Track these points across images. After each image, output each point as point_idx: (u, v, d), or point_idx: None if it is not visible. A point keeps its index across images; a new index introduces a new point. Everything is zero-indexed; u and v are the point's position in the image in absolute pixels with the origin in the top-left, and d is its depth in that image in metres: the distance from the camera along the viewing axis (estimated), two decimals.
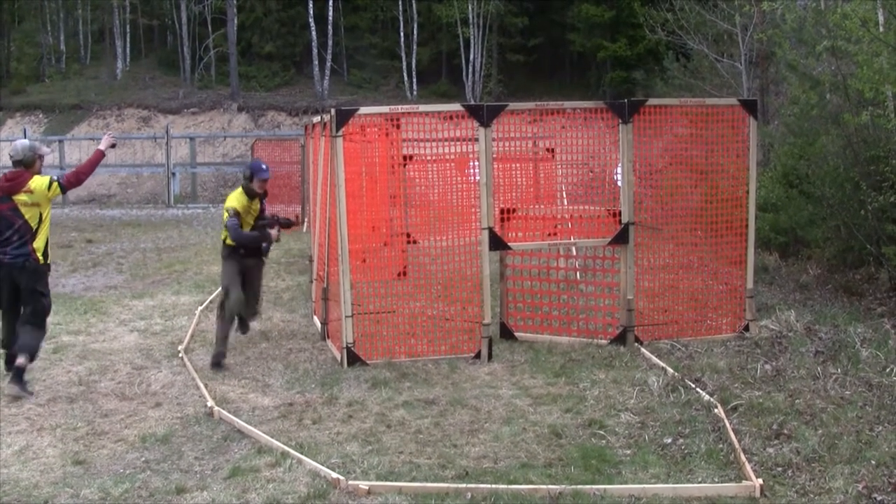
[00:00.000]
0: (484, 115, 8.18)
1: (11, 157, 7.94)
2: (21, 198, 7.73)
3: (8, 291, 7.81)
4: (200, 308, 11.06)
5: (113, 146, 8.22)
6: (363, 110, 8.24)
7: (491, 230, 8.42)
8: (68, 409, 7.22)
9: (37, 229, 7.78)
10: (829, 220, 12.61)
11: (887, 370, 7.36)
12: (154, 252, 17.03)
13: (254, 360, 8.72)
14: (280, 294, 12.32)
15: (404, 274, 10.17)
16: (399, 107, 8.39)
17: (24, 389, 7.61)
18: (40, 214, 7.80)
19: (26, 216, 7.73)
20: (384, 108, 8.41)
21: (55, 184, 7.87)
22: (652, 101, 8.77)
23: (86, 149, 34.03)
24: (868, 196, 10.94)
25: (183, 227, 22.36)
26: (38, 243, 7.79)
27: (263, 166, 8.87)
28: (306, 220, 21.62)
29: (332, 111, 8.08)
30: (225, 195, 32.02)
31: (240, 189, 8.79)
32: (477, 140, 8.25)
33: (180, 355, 8.83)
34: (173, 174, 29.54)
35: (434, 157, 9.68)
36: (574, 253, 10.70)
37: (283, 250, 17.00)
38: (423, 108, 8.33)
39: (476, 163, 9.98)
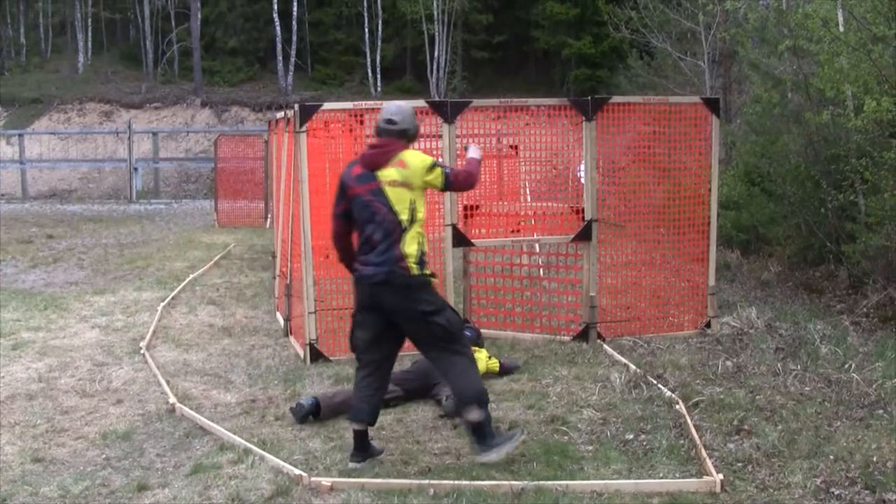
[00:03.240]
0: (448, 111, 8.19)
1: (389, 121, 5.66)
2: (390, 173, 5.59)
3: (374, 323, 5.64)
4: (162, 304, 10.97)
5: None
6: (327, 106, 8.21)
7: (454, 227, 8.42)
8: (27, 407, 7.12)
9: (408, 225, 5.58)
10: (790, 217, 12.75)
11: (846, 366, 7.45)
12: (116, 248, 16.89)
13: (216, 357, 8.67)
14: (243, 290, 12.26)
15: None
16: (363, 103, 8.37)
17: (505, 442, 5.62)
18: (412, 204, 5.58)
19: (392, 201, 5.55)
20: (348, 104, 8.37)
21: (439, 170, 5.68)
22: (615, 99, 8.81)
23: (46, 143, 33.75)
24: (828, 195, 11.07)
25: (145, 222, 22.23)
26: (409, 248, 5.56)
27: None
28: (269, 216, 21.57)
29: (296, 106, 8.04)
30: (187, 191, 32.07)
31: None
32: (440, 136, 8.25)
33: (142, 352, 8.75)
34: (135, 169, 29.35)
35: None
36: (537, 249, 10.73)
37: (247, 246, 16.96)
38: (386, 104, 8.30)
39: (440, 159, 10.00)
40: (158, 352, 8.87)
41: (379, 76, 40.30)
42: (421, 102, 8.22)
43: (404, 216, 5.54)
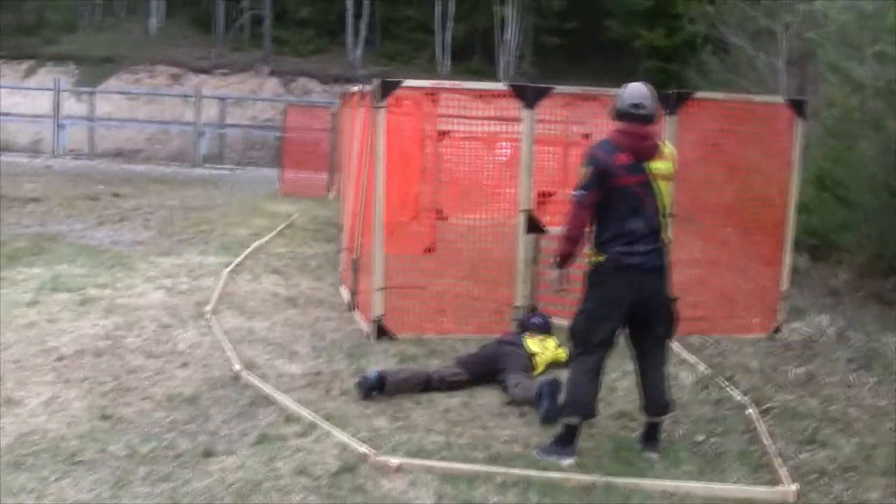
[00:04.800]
0: (528, 96, 8.08)
1: (636, 105, 5.47)
2: (659, 166, 5.50)
3: (624, 310, 5.52)
4: (227, 270, 11.02)
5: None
6: (408, 83, 8.14)
7: (529, 213, 8.33)
8: (95, 363, 7.18)
9: (667, 216, 5.60)
10: (862, 226, 12.47)
11: None
12: (181, 210, 17.02)
13: (280, 326, 8.68)
14: (307, 261, 12.27)
15: (432, 250, 10.12)
16: (443, 82, 8.31)
17: (657, 448, 5.73)
18: (671, 197, 5.66)
19: (661, 196, 5.50)
20: (428, 83, 8.31)
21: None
22: (699, 95, 8.62)
23: (116, 103, 34.15)
24: None
25: (210, 187, 22.39)
26: (666, 237, 5.63)
27: None
28: (332, 188, 21.61)
29: (376, 81, 7.97)
30: (251, 158, 32.30)
31: None
32: (521, 121, 8.16)
33: (207, 317, 8.79)
34: (202, 133, 29.54)
35: (467, 135, 9.61)
36: None
37: (310, 217, 17.00)
38: (467, 84, 8.25)
39: (505, 143, 9.91)
40: (223, 317, 8.90)
41: (448, 56, 40.12)
42: (502, 86, 8.13)
43: (667, 209, 5.56)
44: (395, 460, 5.22)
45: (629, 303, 5.48)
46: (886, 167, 11.93)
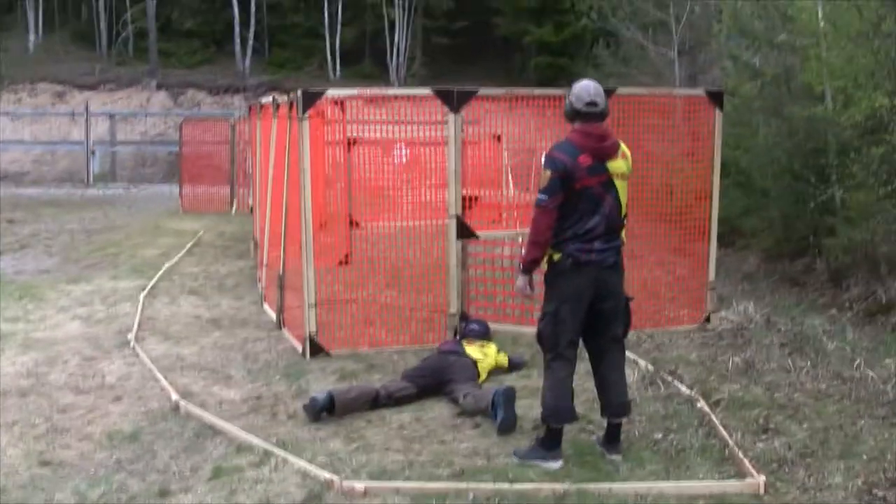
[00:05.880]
0: (454, 100, 8.00)
1: (592, 104, 5.43)
2: (618, 166, 5.48)
3: (583, 306, 5.50)
4: (143, 294, 10.66)
5: None
6: (331, 93, 7.98)
7: (459, 218, 8.25)
8: (22, 404, 6.81)
9: (625, 216, 5.64)
10: (764, 210, 12.77)
11: (855, 363, 7.41)
12: (82, 233, 16.49)
13: (210, 350, 8.41)
14: (223, 280, 11.98)
15: (347, 261, 9.97)
16: (367, 90, 8.17)
17: (619, 449, 5.65)
18: (624, 194, 5.58)
19: (620, 195, 5.51)
20: (353, 91, 8.16)
21: None
22: (621, 91, 8.66)
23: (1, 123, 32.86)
24: (811, 188, 11.03)
25: (107, 207, 21.75)
26: (623, 235, 5.67)
27: None
28: (235, 201, 21.23)
29: (299, 92, 7.78)
30: (144, 175, 31.48)
31: None
32: (446, 124, 8.08)
33: (131, 345, 8.46)
34: (93, 153, 28.67)
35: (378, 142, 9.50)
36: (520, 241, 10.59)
37: (216, 233, 16.63)
38: (391, 91, 8.13)
39: (400, 145, 9.84)
40: (148, 345, 8.59)
41: (338, 60, 39.83)
42: (427, 90, 8.03)
43: (624, 209, 5.57)
44: (360, 484, 5.06)
45: (589, 300, 5.47)
46: (788, 152, 12.23)
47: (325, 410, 6.32)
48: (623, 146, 5.59)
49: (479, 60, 41.53)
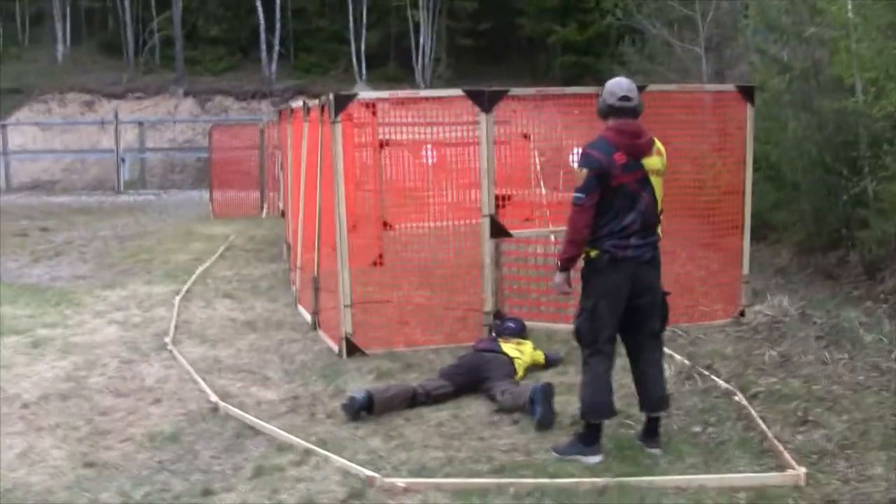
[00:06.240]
0: (485, 100, 8.03)
1: (625, 98, 5.45)
2: (653, 163, 5.51)
3: (620, 302, 5.50)
4: (178, 298, 10.76)
5: None
6: (362, 95, 8.03)
7: (492, 217, 8.27)
8: (63, 408, 6.90)
9: (660, 211, 5.64)
10: (795, 204, 12.70)
11: (893, 354, 7.35)
12: (115, 240, 16.64)
13: (246, 352, 8.48)
14: (256, 283, 12.07)
15: (380, 263, 10.05)
16: (398, 92, 8.21)
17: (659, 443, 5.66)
18: (659, 190, 5.56)
19: (656, 192, 5.52)
20: (383, 94, 8.21)
21: None
22: (651, 88, 8.64)
23: (30, 134, 33.24)
24: (849, 181, 10.98)
25: (138, 213, 21.95)
26: (659, 231, 5.67)
27: None
28: (265, 205, 21.36)
29: (331, 96, 7.83)
30: (173, 181, 31.73)
31: None
32: (478, 124, 8.10)
33: (168, 348, 8.55)
34: (123, 160, 28.94)
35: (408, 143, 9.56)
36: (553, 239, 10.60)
37: (247, 237, 16.75)
38: (423, 93, 8.17)
39: (430, 146, 9.87)
40: (185, 347, 8.67)
41: (364, 64, 39.98)
42: (458, 91, 8.07)
43: (660, 205, 5.57)
44: (401, 481, 5.10)
45: (626, 296, 5.48)
46: (818, 145, 12.16)
47: (364, 409, 6.36)
48: (658, 143, 5.58)
49: (504, 61, 41.57)
